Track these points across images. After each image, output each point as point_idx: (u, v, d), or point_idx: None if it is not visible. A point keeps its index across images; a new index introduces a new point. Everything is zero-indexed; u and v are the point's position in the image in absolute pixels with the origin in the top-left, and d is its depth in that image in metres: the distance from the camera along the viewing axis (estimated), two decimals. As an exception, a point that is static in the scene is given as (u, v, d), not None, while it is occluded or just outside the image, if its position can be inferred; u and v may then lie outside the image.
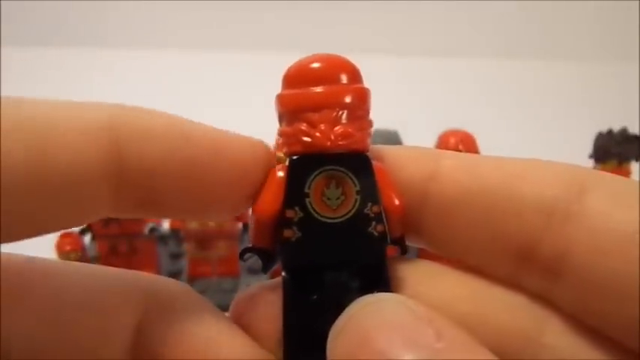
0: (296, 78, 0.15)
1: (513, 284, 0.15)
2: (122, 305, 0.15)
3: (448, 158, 0.16)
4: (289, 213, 0.15)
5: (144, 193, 0.14)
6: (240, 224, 0.49)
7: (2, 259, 0.14)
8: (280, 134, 0.16)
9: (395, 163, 0.16)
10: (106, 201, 0.14)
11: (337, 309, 0.14)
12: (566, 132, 0.70)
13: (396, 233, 0.16)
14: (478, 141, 0.46)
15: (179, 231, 0.49)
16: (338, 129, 0.15)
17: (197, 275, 0.49)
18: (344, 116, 0.15)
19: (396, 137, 0.43)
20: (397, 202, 0.16)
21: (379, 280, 0.15)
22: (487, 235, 0.15)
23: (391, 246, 0.16)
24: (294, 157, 0.15)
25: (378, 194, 0.15)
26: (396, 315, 0.13)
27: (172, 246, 0.50)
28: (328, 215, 0.15)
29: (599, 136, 0.50)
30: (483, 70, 0.92)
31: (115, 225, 0.46)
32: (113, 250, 0.47)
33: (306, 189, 0.15)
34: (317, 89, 0.15)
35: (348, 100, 0.15)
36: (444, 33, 1.00)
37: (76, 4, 0.96)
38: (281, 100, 0.16)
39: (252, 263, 0.49)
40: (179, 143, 0.14)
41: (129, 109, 0.14)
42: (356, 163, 0.15)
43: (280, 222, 0.15)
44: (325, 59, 0.15)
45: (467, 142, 0.45)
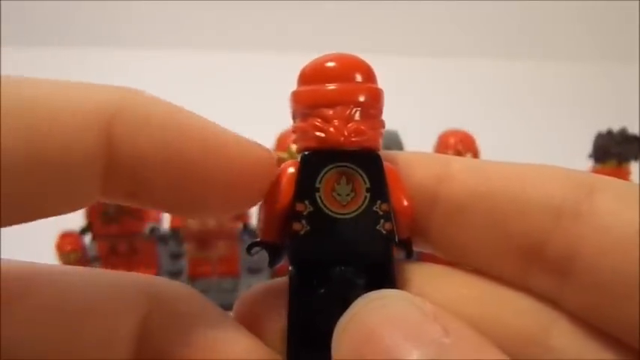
0: (311, 75, 0.16)
1: (520, 286, 0.15)
2: (125, 308, 0.15)
3: (458, 162, 0.16)
4: (299, 206, 0.15)
5: (134, 182, 0.14)
6: (240, 224, 0.49)
7: (3, 264, 0.14)
8: (294, 130, 0.16)
9: (405, 167, 0.16)
10: (97, 186, 0.13)
11: (343, 304, 0.14)
12: (566, 132, 0.70)
13: (403, 235, 0.16)
14: (478, 141, 0.46)
15: (179, 231, 0.49)
16: (351, 125, 0.15)
17: (197, 275, 0.49)
18: (357, 114, 0.15)
19: (396, 137, 0.43)
20: (406, 204, 0.16)
21: (385, 278, 0.15)
22: (495, 237, 0.15)
23: (397, 248, 0.16)
24: (306, 152, 0.16)
25: (388, 193, 0.15)
26: (402, 311, 0.13)
27: (172, 246, 0.50)
28: (337, 211, 0.15)
29: (598, 136, 0.50)
30: (483, 70, 0.92)
31: (115, 225, 0.46)
32: (113, 250, 0.47)
33: (317, 184, 0.15)
34: (332, 86, 0.15)
35: (362, 99, 0.15)
36: (444, 33, 1.00)
37: (77, 4, 0.96)
38: (296, 97, 0.16)
39: (252, 263, 0.49)
40: (172, 135, 0.14)
41: (132, 95, 0.14)
42: (367, 161, 0.16)
43: (290, 215, 0.15)
44: (341, 58, 0.16)
45: (466, 142, 0.45)
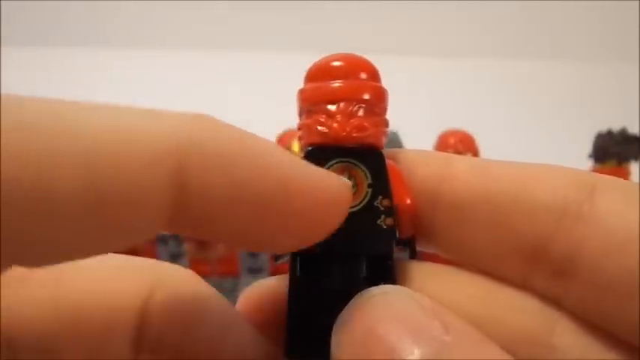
0: (317, 74, 0.16)
1: (523, 286, 0.15)
2: (127, 291, 0.15)
3: (460, 161, 0.16)
4: None
5: (203, 218, 0.13)
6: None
7: None
8: (299, 127, 0.16)
9: (407, 165, 0.16)
10: (162, 223, 0.12)
11: (343, 298, 0.14)
12: (566, 132, 0.70)
13: (406, 234, 0.16)
14: (478, 141, 0.46)
15: (179, 231, 0.49)
16: (354, 121, 0.15)
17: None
18: (361, 111, 0.15)
19: (396, 137, 0.43)
20: (409, 202, 0.16)
21: (386, 273, 0.15)
22: (498, 237, 0.15)
23: (401, 247, 0.16)
24: (309, 148, 0.16)
25: (390, 189, 0.16)
26: (403, 307, 0.13)
27: (172, 246, 0.50)
28: None
29: (598, 136, 0.50)
30: (483, 70, 0.92)
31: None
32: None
33: None
34: (336, 83, 0.16)
35: (366, 96, 0.16)
36: (444, 33, 1.00)
37: (77, 4, 0.96)
38: (301, 94, 0.16)
39: (252, 263, 0.49)
40: (247, 173, 0.12)
41: (203, 125, 0.12)
42: (370, 158, 0.16)
43: None
44: (347, 58, 0.16)
45: (466, 142, 0.45)
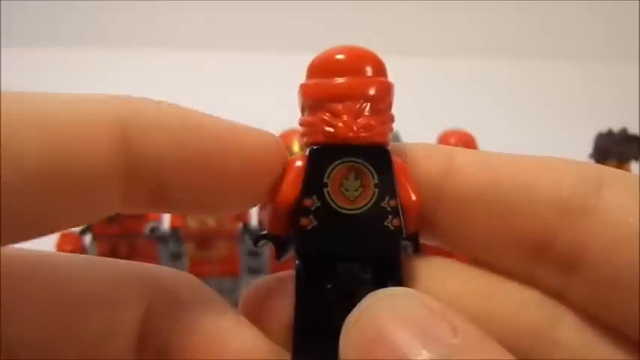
0: (320, 68, 0.15)
1: (526, 280, 0.15)
2: (128, 297, 0.15)
3: (463, 155, 0.16)
4: (307, 202, 0.15)
5: (154, 187, 0.14)
6: (240, 224, 0.49)
7: (4, 252, 0.13)
8: (302, 124, 0.16)
9: (411, 159, 0.16)
10: (117, 195, 0.13)
11: (349, 300, 0.14)
12: (566, 132, 0.70)
13: (412, 229, 0.16)
14: (478, 141, 0.46)
15: (179, 231, 0.49)
16: (360, 120, 0.15)
17: (197, 275, 0.47)
18: (367, 108, 0.15)
19: (396, 137, 0.43)
20: (414, 198, 0.16)
21: (392, 274, 0.15)
22: (502, 231, 0.15)
23: (404, 242, 0.16)
24: (314, 147, 0.15)
25: (396, 189, 0.15)
26: (411, 309, 0.13)
27: (172, 246, 0.50)
28: (345, 206, 0.15)
29: (599, 136, 0.50)
30: (483, 70, 0.92)
31: (116, 225, 0.46)
32: (113, 251, 0.47)
33: (325, 179, 0.15)
34: (341, 80, 0.15)
35: (372, 93, 0.15)
36: (444, 33, 1.00)
37: (77, 4, 0.96)
38: (305, 90, 0.16)
39: (252, 263, 0.49)
40: (189, 134, 0.14)
41: (138, 101, 0.14)
42: (376, 156, 0.15)
43: (297, 210, 0.15)
44: (350, 51, 0.16)
45: (467, 142, 0.45)
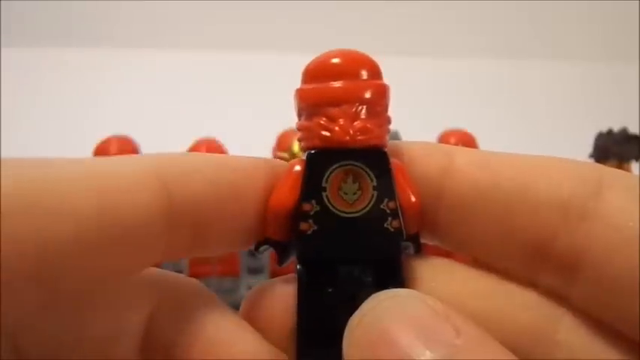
0: (316, 72, 0.16)
1: (527, 281, 0.15)
2: (133, 301, 0.15)
3: (462, 154, 0.16)
4: (306, 206, 0.15)
5: (194, 229, 0.15)
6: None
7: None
8: (299, 128, 0.16)
9: (409, 159, 0.16)
10: (161, 244, 0.14)
11: (351, 303, 0.14)
12: (566, 132, 0.70)
13: (412, 230, 0.16)
14: (478, 141, 0.46)
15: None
16: (357, 124, 0.15)
17: (197, 275, 0.48)
18: (363, 111, 0.15)
19: (396, 137, 0.43)
20: (413, 199, 0.16)
21: (393, 276, 0.15)
22: (503, 232, 0.15)
23: (405, 243, 0.16)
24: (312, 152, 0.16)
25: (395, 190, 0.15)
26: (415, 311, 0.13)
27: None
28: (344, 209, 0.15)
29: (599, 136, 0.50)
30: (483, 70, 0.92)
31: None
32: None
33: (323, 183, 0.15)
34: (337, 84, 0.15)
35: (368, 96, 0.15)
36: (444, 33, 1.00)
37: (77, 4, 0.96)
38: (300, 95, 0.16)
39: (252, 263, 0.49)
40: (221, 172, 0.15)
41: (169, 154, 0.15)
42: (373, 159, 0.15)
43: (296, 215, 0.15)
44: (345, 54, 0.16)
45: (467, 142, 0.45)
